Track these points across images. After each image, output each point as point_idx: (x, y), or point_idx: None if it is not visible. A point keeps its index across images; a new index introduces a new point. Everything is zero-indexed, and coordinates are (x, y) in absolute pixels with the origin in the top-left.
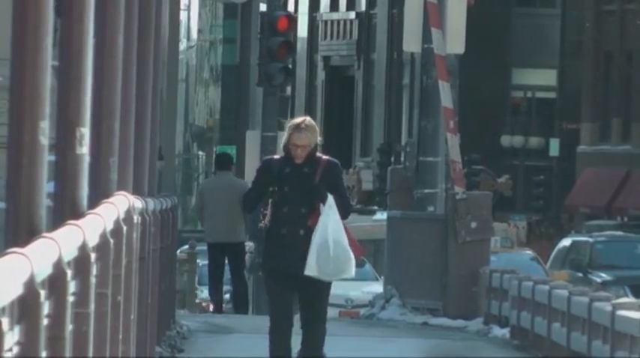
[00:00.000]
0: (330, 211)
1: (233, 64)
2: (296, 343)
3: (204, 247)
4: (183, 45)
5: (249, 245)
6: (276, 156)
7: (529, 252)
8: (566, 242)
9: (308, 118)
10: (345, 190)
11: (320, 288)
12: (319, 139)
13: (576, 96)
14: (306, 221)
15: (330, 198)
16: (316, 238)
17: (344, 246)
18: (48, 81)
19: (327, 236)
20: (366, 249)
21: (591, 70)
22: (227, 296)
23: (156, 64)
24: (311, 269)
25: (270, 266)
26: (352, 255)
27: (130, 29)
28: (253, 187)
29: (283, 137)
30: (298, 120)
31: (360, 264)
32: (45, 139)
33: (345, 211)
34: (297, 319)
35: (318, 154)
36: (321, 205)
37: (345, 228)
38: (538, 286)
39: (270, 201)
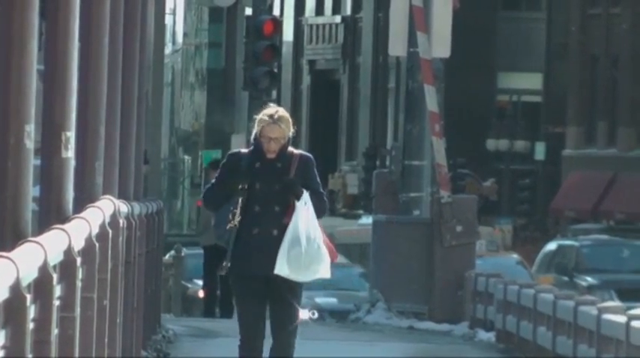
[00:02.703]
0: (304, 207)
1: (218, 67)
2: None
3: (191, 251)
4: (168, 49)
5: None
6: (244, 150)
7: (515, 256)
8: (552, 246)
9: (281, 109)
10: (319, 185)
11: (292, 293)
12: (292, 132)
13: (562, 100)
14: (281, 220)
15: (306, 194)
16: (288, 235)
17: (318, 244)
18: (33, 84)
19: (299, 232)
20: (350, 254)
21: (577, 74)
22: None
23: (141, 68)
24: (282, 269)
25: (239, 270)
26: (327, 254)
27: (116, 33)
28: (217, 183)
29: (253, 129)
30: (271, 110)
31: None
32: (30, 143)
33: (320, 208)
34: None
35: (291, 148)
36: (296, 202)
37: (321, 228)
38: (523, 290)
39: (239, 199)
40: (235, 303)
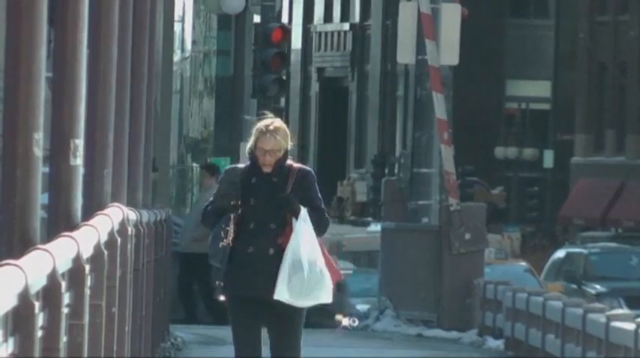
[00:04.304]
0: (303, 226)
1: (227, 75)
2: None
3: None
4: (177, 56)
5: None
6: (241, 165)
7: (523, 264)
8: (560, 253)
9: (278, 120)
10: (321, 202)
11: (293, 317)
12: (290, 144)
13: (570, 108)
14: (277, 238)
15: (304, 211)
16: (288, 257)
17: (320, 267)
18: (42, 92)
19: (301, 254)
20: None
21: (585, 81)
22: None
23: (150, 75)
24: (281, 293)
25: (234, 291)
26: (329, 278)
27: (124, 40)
28: (214, 200)
29: (249, 142)
30: (266, 121)
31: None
32: (39, 151)
33: (321, 226)
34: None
35: (289, 162)
36: (294, 220)
37: (321, 247)
38: (532, 297)
39: (231, 216)
40: (231, 325)
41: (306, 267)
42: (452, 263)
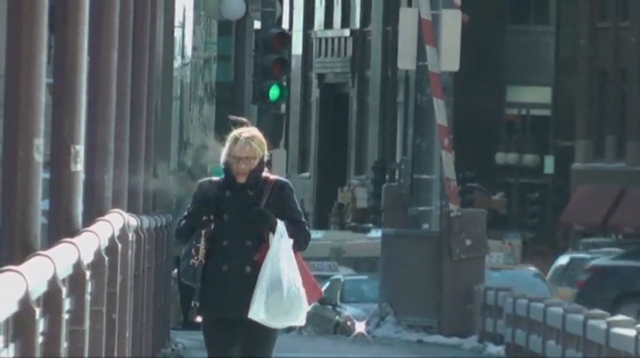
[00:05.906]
0: (281, 241)
1: (227, 81)
2: None
3: None
4: (177, 62)
5: None
6: (215, 178)
7: (532, 269)
8: (563, 259)
9: (254, 128)
10: (300, 215)
11: (267, 337)
12: (267, 154)
13: (571, 114)
14: (253, 255)
15: (281, 226)
16: (266, 274)
17: (298, 287)
18: (42, 98)
19: (280, 273)
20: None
21: (586, 88)
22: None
23: (150, 81)
24: (257, 313)
25: (208, 311)
26: (306, 300)
27: (125, 46)
28: (188, 215)
29: (223, 152)
30: (241, 129)
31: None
32: (39, 156)
33: (300, 240)
34: None
35: (266, 173)
36: (271, 235)
37: (301, 263)
38: (533, 304)
39: (202, 232)
40: (206, 346)
41: (285, 285)
42: (452, 269)
